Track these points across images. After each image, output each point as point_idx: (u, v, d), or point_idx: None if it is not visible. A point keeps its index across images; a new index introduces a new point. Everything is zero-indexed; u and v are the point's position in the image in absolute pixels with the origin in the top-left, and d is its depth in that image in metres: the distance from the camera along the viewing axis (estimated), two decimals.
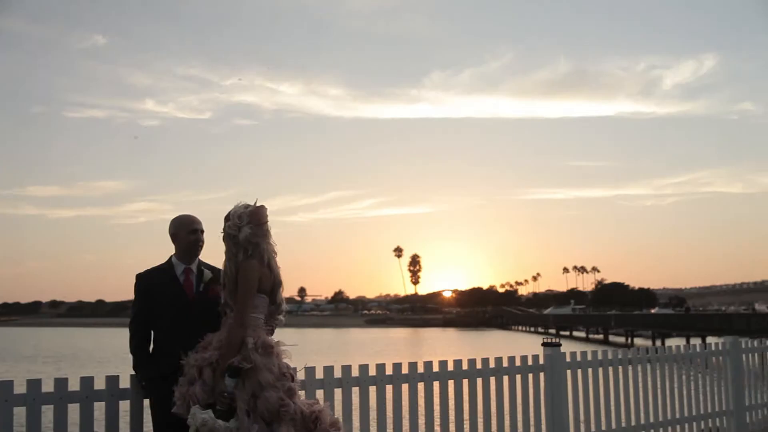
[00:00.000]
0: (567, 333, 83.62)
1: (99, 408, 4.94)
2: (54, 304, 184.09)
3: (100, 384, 4.97)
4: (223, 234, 4.73)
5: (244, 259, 4.61)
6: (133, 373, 5.03)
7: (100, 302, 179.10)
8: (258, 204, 4.72)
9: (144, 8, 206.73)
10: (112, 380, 5.02)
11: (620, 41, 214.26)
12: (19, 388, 4.70)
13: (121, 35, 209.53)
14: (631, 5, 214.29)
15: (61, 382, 4.84)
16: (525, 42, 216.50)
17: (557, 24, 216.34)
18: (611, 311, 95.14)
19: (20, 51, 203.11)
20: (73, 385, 4.88)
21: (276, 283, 4.73)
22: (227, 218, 4.70)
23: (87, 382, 4.93)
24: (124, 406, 5.05)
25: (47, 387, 4.79)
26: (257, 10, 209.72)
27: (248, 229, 4.62)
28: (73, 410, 4.84)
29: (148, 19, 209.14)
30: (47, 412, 4.76)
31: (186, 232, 5.01)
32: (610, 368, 7.72)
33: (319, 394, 5.60)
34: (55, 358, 46.61)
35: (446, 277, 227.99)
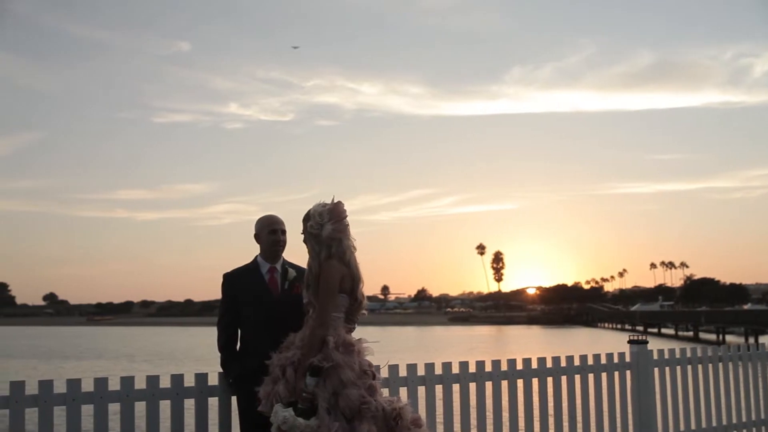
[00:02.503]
0: (655, 330, 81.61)
1: (189, 405, 5.08)
2: (145, 304, 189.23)
3: (189, 381, 5.12)
4: (303, 235, 4.82)
5: (326, 258, 4.68)
6: (220, 370, 5.17)
7: (188, 302, 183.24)
8: (335, 201, 4.81)
9: (225, 14, 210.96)
10: (201, 378, 5.16)
11: (706, 30, 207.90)
12: (114, 386, 4.88)
13: (204, 41, 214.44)
14: None
15: (152, 380, 5.00)
16: (606, 34, 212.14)
17: (639, 14, 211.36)
18: (701, 308, 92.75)
19: (109, 59, 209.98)
20: (165, 383, 5.05)
21: (356, 280, 4.76)
22: (307, 218, 4.79)
23: (177, 379, 5.07)
24: (213, 403, 5.18)
25: (140, 384, 4.96)
26: (335, 12, 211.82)
27: (330, 225, 4.69)
28: (165, 407, 5.00)
29: (229, 24, 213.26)
30: (140, 408, 4.92)
31: (267, 233, 5.11)
32: (700, 366, 7.53)
33: (403, 391, 5.63)
34: (157, 356, 47.75)
35: (530, 274, 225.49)
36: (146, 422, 4.94)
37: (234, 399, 5.11)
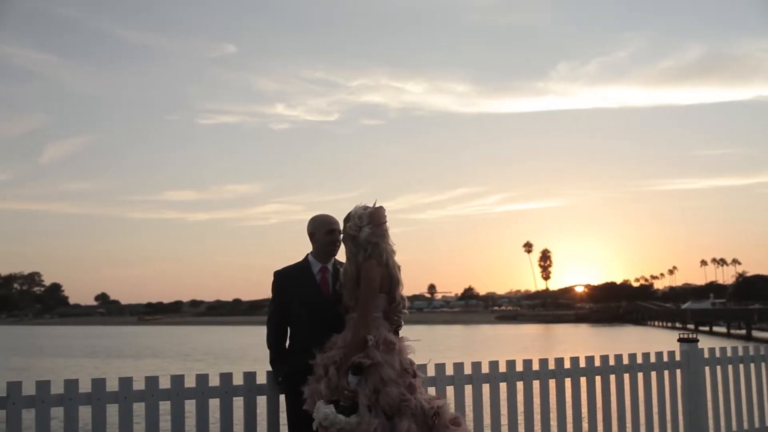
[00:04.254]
0: (706, 328, 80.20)
1: (238, 403, 5.15)
2: (194, 304, 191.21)
3: (238, 380, 5.19)
4: (342, 235, 4.87)
5: (364, 260, 4.72)
6: (269, 368, 5.22)
7: (236, 301, 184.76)
8: (377, 205, 4.83)
9: (270, 15, 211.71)
10: (250, 376, 5.22)
11: (756, 21, 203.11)
12: (164, 384, 4.97)
13: (250, 43, 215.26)
14: None
15: (202, 378, 5.08)
16: (653, 28, 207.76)
17: (687, 7, 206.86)
18: (754, 305, 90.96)
19: (157, 62, 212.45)
20: (214, 381, 5.12)
21: (394, 282, 4.80)
22: (347, 219, 4.83)
23: (226, 377, 5.15)
24: (262, 401, 5.24)
25: (189, 383, 5.04)
26: (379, 10, 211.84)
27: (368, 229, 4.73)
28: (214, 405, 5.07)
29: (274, 25, 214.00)
30: (190, 407, 5.00)
31: (324, 233, 5.11)
32: (752, 365, 7.41)
33: (449, 390, 5.65)
34: (211, 355, 47.96)
35: (578, 271, 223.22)
36: (196, 420, 5.03)
37: (282, 397, 5.16)
